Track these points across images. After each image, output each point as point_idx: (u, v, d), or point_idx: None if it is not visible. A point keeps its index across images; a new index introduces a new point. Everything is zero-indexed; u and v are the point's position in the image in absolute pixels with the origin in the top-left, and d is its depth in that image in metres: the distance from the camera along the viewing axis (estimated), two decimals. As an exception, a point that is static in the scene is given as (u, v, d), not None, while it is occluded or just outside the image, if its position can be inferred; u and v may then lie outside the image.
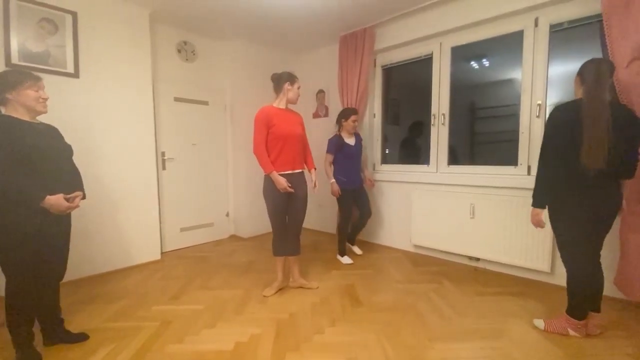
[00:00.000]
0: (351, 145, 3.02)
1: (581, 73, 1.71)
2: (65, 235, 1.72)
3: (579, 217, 1.68)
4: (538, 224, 1.78)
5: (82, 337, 1.79)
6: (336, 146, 2.96)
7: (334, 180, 2.94)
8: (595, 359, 1.60)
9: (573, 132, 1.59)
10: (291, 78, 2.33)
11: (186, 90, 3.52)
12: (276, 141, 2.24)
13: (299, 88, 2.39)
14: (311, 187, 2.45)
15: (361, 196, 3.11)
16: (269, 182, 2.28)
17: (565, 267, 1.79)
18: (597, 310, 1.77)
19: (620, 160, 1.60)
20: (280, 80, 2.32)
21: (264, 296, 2.35)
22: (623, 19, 1.98)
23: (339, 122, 3.07)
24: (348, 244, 3.23)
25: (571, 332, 1.78)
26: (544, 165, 1.72)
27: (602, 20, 2.07)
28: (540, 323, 1.87)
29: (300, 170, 2.37)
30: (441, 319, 2.00)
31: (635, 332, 1.82)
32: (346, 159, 2.99)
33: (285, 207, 2.34)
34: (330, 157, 2.98)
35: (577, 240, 1.72)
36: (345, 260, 3.05)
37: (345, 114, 3.04)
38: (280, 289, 2.45)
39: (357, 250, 3.28)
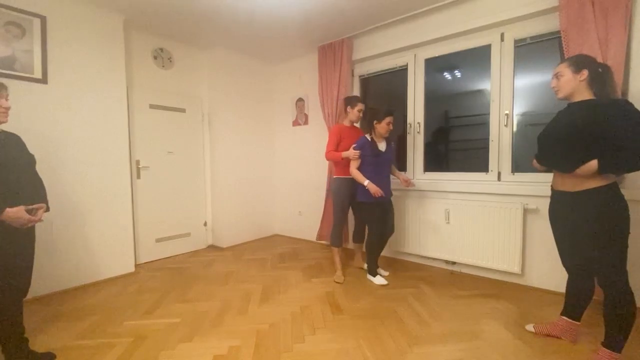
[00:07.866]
0: (382, 152, 2.62)
1: (589, 70, 1.53)
2: (29, 249, 1.63)
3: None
4: None
5: (48, 357, 1.69)
6: (367, 149, 2.55)
7: (368, 182, 2.53)
8: (563, 355, 1.69)
9: None
10: (351, 102, 2.77)
11: (162, 97, 3.45)
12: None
13: (359, 111, 2.76)
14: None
15: (388, 211, 2.75)
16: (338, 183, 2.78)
17: (622, 282, 1.48)
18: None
19: None
20: (344, 104, 2.80)
21: (340, 283, 2.67)
22: (579, 35, 2.15)
23: (370, 124, 2.63)
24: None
25: None
26: None
27: (560, 37, 2.24)
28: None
29: None
30: (419, 323, 2.04)
31: (598, 329, 1.91)
32: (377, 167, 2.61)
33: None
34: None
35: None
36: (379, 280, 2.65)
37: (378, 115, 2.56)
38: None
39: (382, 272, 2.83)
